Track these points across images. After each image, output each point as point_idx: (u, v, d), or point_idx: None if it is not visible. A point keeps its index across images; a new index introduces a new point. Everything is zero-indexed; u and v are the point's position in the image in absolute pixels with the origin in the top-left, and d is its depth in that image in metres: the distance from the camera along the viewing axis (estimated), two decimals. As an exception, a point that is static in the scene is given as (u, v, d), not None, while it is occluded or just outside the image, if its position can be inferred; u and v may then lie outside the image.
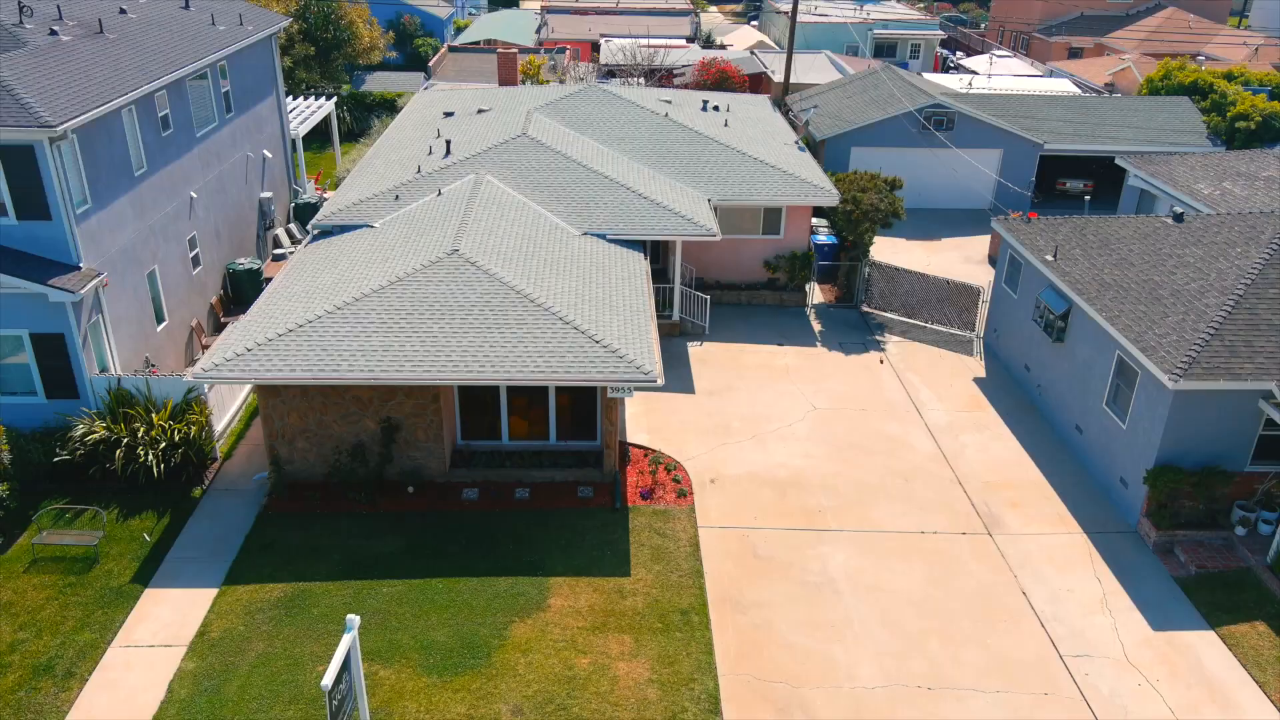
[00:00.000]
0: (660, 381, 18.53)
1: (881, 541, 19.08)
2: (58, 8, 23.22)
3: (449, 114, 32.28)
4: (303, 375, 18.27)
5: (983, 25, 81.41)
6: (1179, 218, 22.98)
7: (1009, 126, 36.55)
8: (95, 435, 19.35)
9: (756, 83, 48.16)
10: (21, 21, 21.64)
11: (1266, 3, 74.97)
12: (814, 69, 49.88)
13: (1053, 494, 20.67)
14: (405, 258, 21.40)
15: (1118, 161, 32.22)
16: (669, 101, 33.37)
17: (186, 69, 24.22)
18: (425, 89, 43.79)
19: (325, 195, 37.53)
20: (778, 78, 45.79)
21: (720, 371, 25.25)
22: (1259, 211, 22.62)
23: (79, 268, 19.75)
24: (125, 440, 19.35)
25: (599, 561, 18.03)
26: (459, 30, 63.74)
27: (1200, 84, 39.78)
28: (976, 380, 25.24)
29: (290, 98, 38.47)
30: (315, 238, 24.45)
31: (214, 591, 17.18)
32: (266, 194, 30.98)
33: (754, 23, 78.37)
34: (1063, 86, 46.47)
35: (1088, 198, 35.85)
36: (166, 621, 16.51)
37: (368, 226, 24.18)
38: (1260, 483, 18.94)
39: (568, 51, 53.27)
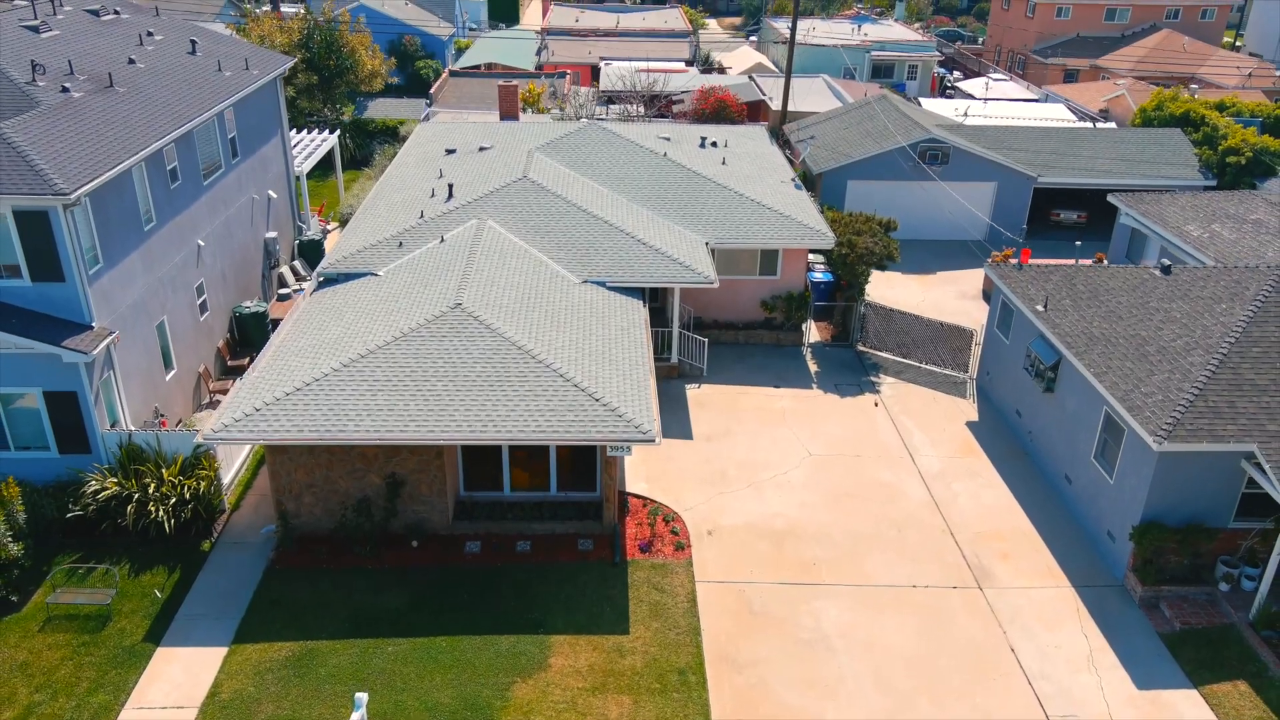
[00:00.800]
0: (659, 442, 19.01)
1: (875, 596, 19.56)
2: (69, 62, 23.67)
3: (450, 151, 32.75)
4: (310, 435, 18.75)
5: (980, 40, 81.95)
6: (1166, 270, 23.46)
7: (1003, 160, 37.05)
8: (107, 492, 19.84)
9: (755, 110, 48.64)
10: (34, 79, 22.09)
11: (1262, 7, 75.58)
12: (812, 94, 50.39)
13: (1042, 545, 21.14)
14: (409, 310, 21.87)
15: (1110, 199, 32.74)
16: (668, 139, 33.87)
17: (195, 122, 24.69)
18: (427, 117, 44.33)
19: (328, 227, 38.05)
20: (775, 105, 46.32)
21: (718, 415, 25.72)
22: (1244, 265, 23.09)
23: (91, 327, 20.23)
24: (136, 496, 19.84)
25: (599, 619, 18.51)
26: (460, 51, 64.17)
27: (1192, 115, 40.28)
28: (969, 424, 25.72)
29: (294, 130, 38.91)
30: (320, 285, 24.90)
31: (224, 650, 17.65)
32: (271, 234, 31.45)
33: (753, 39, 78.85)
34: (1058, 113, 46.97)
35: (1078, 242, 36.30)
36: (178, 682, 16.98)
37: (372, 274, 24.66)
38: (1243, 539, 19.43)
39: (568, 76, 53.73)
